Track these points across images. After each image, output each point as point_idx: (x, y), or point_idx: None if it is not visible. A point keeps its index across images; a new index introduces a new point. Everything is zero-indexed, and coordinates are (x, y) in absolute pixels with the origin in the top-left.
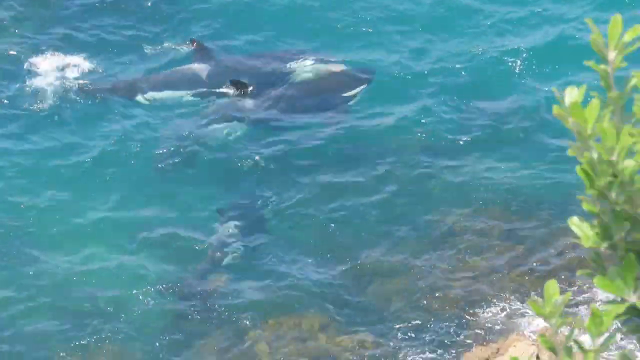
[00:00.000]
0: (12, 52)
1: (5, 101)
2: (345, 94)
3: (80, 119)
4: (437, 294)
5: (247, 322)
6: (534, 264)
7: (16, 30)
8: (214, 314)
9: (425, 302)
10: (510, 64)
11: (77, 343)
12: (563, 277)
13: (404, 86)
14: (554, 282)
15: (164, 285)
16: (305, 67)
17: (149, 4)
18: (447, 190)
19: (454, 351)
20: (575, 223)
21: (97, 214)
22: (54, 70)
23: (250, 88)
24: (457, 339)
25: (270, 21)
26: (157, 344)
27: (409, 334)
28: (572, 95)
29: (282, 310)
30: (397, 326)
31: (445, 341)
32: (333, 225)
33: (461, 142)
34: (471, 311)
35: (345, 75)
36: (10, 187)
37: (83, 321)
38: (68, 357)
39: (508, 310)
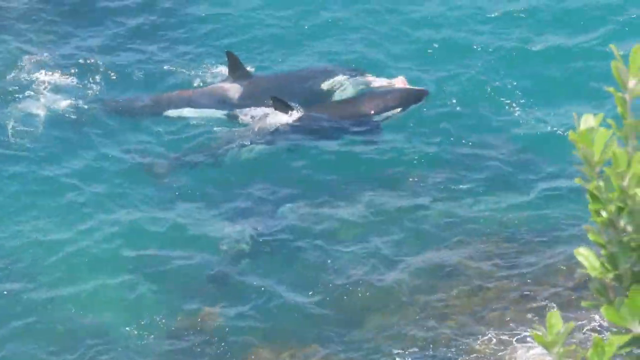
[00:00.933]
0: (24, 66)
1: (14, 120)
2: (376, 118)
3: (93, 138)
4: (432, 324)
5: (241, 354)
6: (531, 294)
7: (27, 42)
8: (208, 344)
9: (421, 332)
10: (508, 95)
11: None
12: (561, 307)
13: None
14: (556, 313)
15: (161, 313)
16: (341, 86)
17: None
18: (442, 222)
19: None
20: (581, 253)
21: (95, 237)
22: (70, 85)
23: (292, 110)
24: None
25: (309, 35)
26: None
27: None
28: (588, 122)
29: (276, 341)
30: (393, 356)
31: None
32: (331, 252)
33: (458, 176)
34: (467, 341)
35: (382, 96)
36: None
37: (75, 346)
38: None
39: (504, 340)
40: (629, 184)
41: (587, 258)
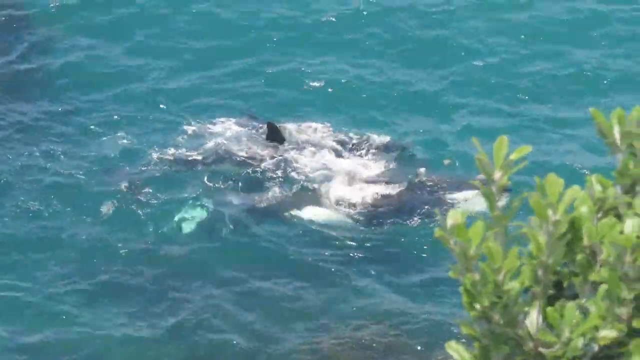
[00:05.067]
0: None
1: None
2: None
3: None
4: None
5: None
6: None
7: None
8: None
9: None
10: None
11: None
12: None
13: None
14: None
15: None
16: None
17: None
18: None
19: None
20: (452, 347)
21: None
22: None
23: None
24: None
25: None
26: None
27: None
28: (454, 217)
29: None
30: None
31: None
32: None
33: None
34: None
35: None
36: None
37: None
38: None
39: None
40: (503, 279)
41: (457, 351)
